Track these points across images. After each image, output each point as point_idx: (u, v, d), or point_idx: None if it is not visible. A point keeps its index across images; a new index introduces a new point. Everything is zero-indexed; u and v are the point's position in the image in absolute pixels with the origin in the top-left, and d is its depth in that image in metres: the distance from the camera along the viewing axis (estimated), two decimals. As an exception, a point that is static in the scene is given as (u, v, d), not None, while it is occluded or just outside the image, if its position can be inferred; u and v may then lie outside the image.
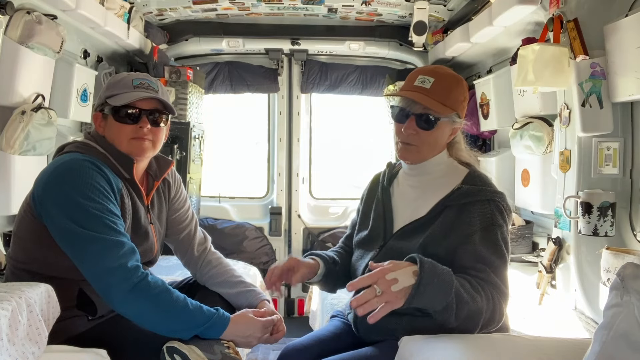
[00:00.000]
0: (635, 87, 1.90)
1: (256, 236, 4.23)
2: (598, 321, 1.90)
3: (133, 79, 1.63)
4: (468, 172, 1.61)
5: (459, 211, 1.53)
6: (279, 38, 4.02)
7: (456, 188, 1.56)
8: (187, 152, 3.49)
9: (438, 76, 1.55)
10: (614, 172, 2.13)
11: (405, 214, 1.64)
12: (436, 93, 1.53)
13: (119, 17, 3.01)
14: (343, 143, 5.05)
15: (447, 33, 3.42)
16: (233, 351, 1.54)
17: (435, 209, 1.56)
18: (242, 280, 1.86)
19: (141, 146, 1.63)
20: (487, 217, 1.51)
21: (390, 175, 1.77)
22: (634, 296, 0.94)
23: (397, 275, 1.30)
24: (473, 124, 3.33)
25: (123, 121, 1.61)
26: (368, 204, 1.78)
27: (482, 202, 1.52)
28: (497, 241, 1.49)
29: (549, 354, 1.32)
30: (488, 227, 1.50)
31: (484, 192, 1.54)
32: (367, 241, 1.70)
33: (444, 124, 1.57)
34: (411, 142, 1.58)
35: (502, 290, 1.46)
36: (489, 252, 1.48)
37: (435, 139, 1.59)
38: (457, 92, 1.57)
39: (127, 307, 1.45)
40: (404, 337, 1.44)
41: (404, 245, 1.58)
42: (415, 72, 1.60)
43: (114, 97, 1.61)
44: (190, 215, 1.92)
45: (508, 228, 1.57)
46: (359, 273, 1.66)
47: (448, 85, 1.55)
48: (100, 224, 1.44)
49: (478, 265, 1.46)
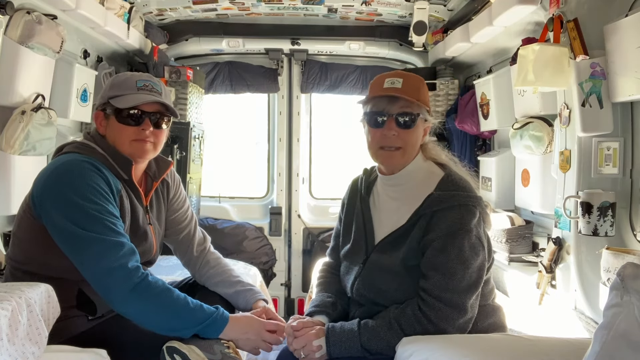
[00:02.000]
0: (635, 87, 1.89)
1: (256, 236, 4.23)
2: (598, 321, 1.91)
3: (137, 80, 1.63)
4: (442, 177, 1.59)
5: (430, 219, 1.52)
6: (279, 38, 4.02)
7: (428, 195, 1.55)
8: (187, 152, 3.49)
9: (405, 77, 1.58)
10: (614, 172, 2.13)
11: (385, 225, 1.63)
12: (409, 91, 1.54)
13: (119, 17, 3.01)
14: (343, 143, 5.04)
15: (447, 33, 3.42)
16: (233, 351, 1.54)
17: (411, 219, 1.55)
18: (239, 280, 1.86)
19: (143, 148, 1.63)
20: (454, 222, 1.49)
21: (367, 182, 1.75)
22: (634, 296, 0.94)
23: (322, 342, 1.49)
24: (473, 124, 3.33)
25: (125, 122, 1.61)
26: (349, 213, 1.77)
27: (453, 207, 1.50)
28: (461, 247, 1.47)
29: (549, 354, 1.32)
30: (454, 233, 1.48)
31: (456, 197, 1.52)
32: (350, 254, 1.70)
33: (420, 122, 1.58)
34: (394, 144, 1.56)
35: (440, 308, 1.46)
36: (447, 259, 1.46)
37: (416, 138, 1.59)
38: (424, 90, 1.61)
39: (128, 307, 1.45)
40: (404, 338, 1.45)
41: (385, 259, 1.58)
42: (380, 77, 1.60)
43: (117, 98, 1.60)
44: (189, 215, 1.92)
45: (481, 233, 1.54)
46: (348, 288, 1.69)
47: (416, 84, 1.59)
48: (100, 225, 1.44)
49: (429, 272, 1.48)
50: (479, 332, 1.56)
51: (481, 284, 1.54)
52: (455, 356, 1.28)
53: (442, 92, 3.68)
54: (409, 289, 1.53)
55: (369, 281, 1.61)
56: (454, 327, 1.47)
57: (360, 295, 1.63)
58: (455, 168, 1.65)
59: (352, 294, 1.66)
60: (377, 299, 1.58)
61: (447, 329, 1.46)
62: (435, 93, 3.66)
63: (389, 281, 1.56)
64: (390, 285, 1.56)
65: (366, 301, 1.62)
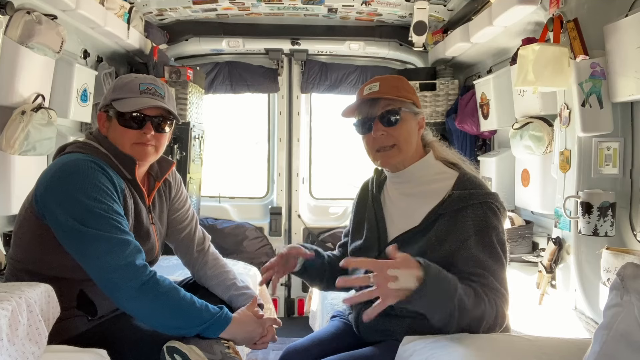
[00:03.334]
0: (635, 87, 1.89)
1: (256, 236, 4.24)
2: (598, 321, 1.91)
3: (140, 84, 1.63)
4: (458, 176, 1.60)
5: (453, 218, 1.52)
6: (279, 38, 4.02)
7: (448, 195, 1.55)
8: (187, 152, 3.49)
9: (381, 79, 1.62)
10: (614, 172, 2.13)
11: (398, 223, 1.63)
12: (386, 90, 1.58)
13: (119, 17, 3.02)
14: (343, 143, 5.04)
15: (447, 33, 3.42)
16: (233, 351, 1.54)
17: (428, 217, 1.56)
18: (234, 283, 1.86)
19: (144, 151, 1.63)
20: (480, 220, 1.50)
21: (378, 182, 1.76)
22: (634, 296, 0.94)
23: (399, 273, 1.26)
24: (473, 124, 3.33)
25: (127, 125, 1.61)
26: (360, 212, 1.78)
27: (475, 205, 1.52)
28: (492, 244, 1.48)
29: (549, 354, 1.32)
30: (482, 231, 1.49)
31: (475, 195, 1.53)
32: (362, 251, 1.70)
33: (406, 116, 1.59)
34: (386, 143, 1.58)
35: (503, 294, 1.45)
36: (486, 256, 1.47)
37: (408, 132, 1.60)
38: (403, 84, 1.64)
39: (135, 304, 1.45)
40: (405, 338, 1.44)
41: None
42: (361, 88, 1.65)
43: (120, 101, 1.60)
44: (190, 215, 1.92)
45: (503, 228, 1.56)
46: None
47: (393, 82, 1.62)
48: (106, 224, 1.44)
49: (477, 270, 1.46)
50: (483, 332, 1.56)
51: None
52: (456, 355, 1.28)
53: (442, 92, 3.68)
54: None
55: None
56: (505, 318, 1.46)
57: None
58: (466, 167, 1.66)
59: (360, 289, 1.66)
60: None
61: (505, 316, 1.45)
62: (435, 93, 3.67)
63: None
64: None
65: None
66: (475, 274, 1.45)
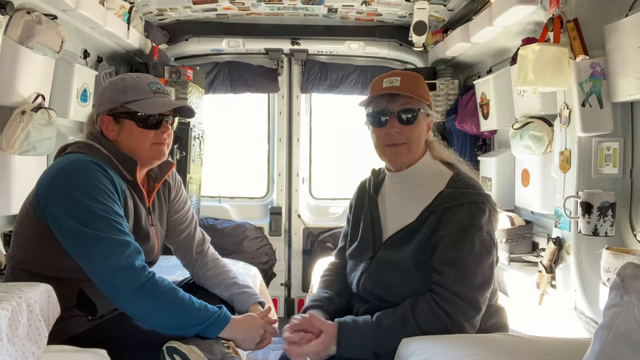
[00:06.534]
0: (635, 87, 1.89)
1: (256, 236, 4.23)
2: (598, 321, 1.91)
3: (149, 83, 1.64)
4: (452, 176, 1.61)
5: (441, 216, 1.53)
6: (279, 38, 4.02)
7: (439, 193, 1.57)
8: (187, 152, 3.49)
9: (402, 75, 1.61)
10: (614, 172, 2.13)
11: (393, 224, 1.64)
12: (407, 88, 1.57)
13: (119, 17, 3.01)
14: (343, 143, 5.04)
15: (447, 33, 3.42)
16: (233, 351, 1.54)
17: (421, 216, 1.57)
18: (235, 282, 1.86)
19: (162, 151, 1.66)
20: (465, 219, 1.50)
21: (376, 182, 1.77)
22: (634, 296, 0.94)
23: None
24: (473, 124, 3.33)
25: (148, 127, 1.62)
26: (357, 213, 1.79)
27: (463, 204, 1.52)
28: (472, 242, 1.49)
29: (549, 354, 1.32)
30: (465, 230, 1.49)
31: (466, 194, 1.54)
32: (357, 252, 1.71)
33: (422, 117, 1.60)
34: (398, 140, 1.58)
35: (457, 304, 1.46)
36: (460, 255, 1.47)
37: (420, 133, 1.61)
38: (423, 85, 1.64)
39: (135, 305, 1.46)
40: (404, 338, 1.45)
41: (393, 255, 1.59)
42: (379, 78, 1.64)
43: (136, 102, 1.60)
44: (190, 216, 1.92)
45: (492, 229, 1.55)
46: (354, 284, 1.69)
47: (414, 80, 1.62)
48: (106, 225, 1.45)
49: (442, 268, 1.48)
50: (482, 332, 1.56)
51: (493, 281, 1.55)
52: (456, 356, 1.28)
53: (442, 92, 3.68)
54: (416, 285, 1.54)
55: (376, 277, 1.62)
56: (469, 323, 1.47)
57: (366, 291, 1.64)
58: (462, 167, 1.67)
59: (357, 290, 1.67)
60: (384, 294, 1.59)
61: (463, 324, 1.46)
62: (435, 93, 3.66)
63: (397, 277, 1.57)
64: (398, 281, 1.56)
65: (372, 297, 1.63)
66: (440, 272, 1.49)
